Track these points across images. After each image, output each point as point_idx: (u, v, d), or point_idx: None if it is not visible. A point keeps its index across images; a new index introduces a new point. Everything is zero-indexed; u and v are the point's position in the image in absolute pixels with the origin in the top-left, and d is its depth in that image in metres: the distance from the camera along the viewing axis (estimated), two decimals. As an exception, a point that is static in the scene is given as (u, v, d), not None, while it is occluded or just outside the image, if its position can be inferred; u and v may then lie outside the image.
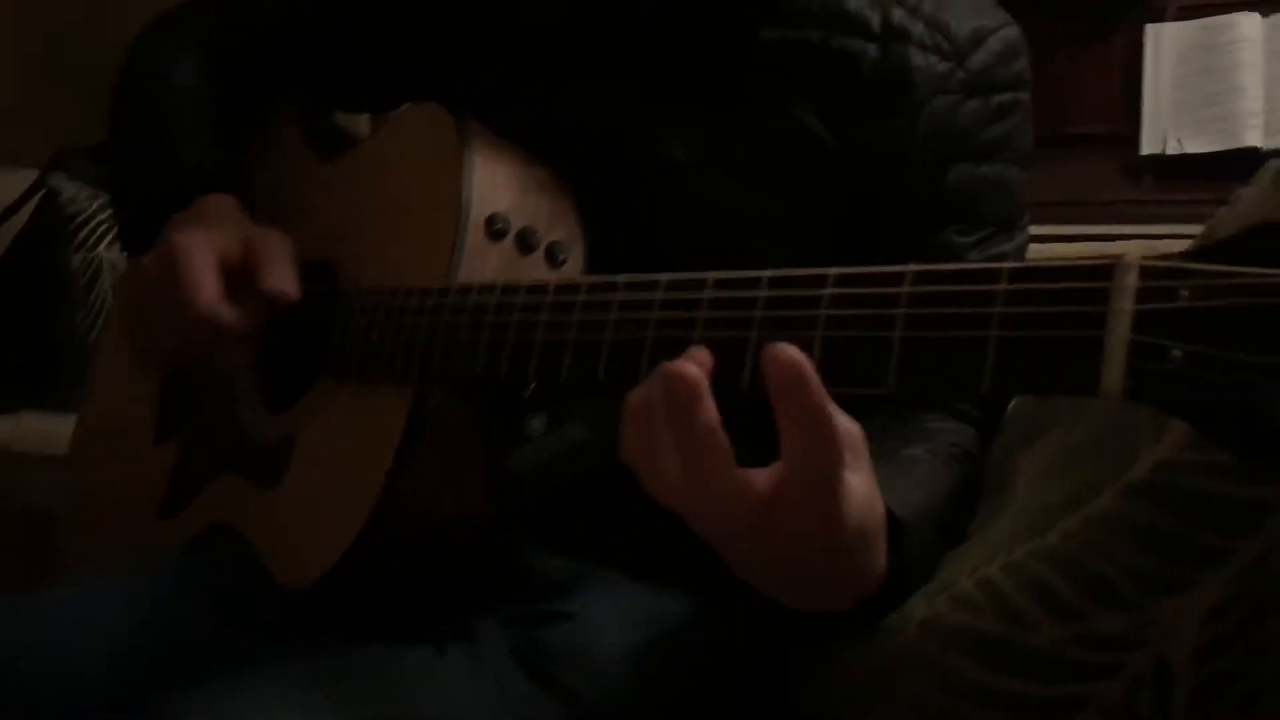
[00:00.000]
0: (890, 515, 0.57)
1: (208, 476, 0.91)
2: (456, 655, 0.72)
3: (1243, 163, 1.97)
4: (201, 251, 0.78)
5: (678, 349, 0.53)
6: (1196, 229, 2.18)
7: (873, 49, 0.76)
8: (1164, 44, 2.14)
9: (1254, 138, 2.00)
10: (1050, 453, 0.66)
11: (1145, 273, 0.40)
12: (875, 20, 0.77)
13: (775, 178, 0.78)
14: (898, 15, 0.77)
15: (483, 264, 0.73)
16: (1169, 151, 2.13)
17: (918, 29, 0.77)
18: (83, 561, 1.06)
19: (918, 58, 0.76)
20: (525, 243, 0.75)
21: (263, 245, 0.80)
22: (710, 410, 0.50)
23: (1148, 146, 2.14)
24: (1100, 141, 2.23)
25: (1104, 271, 0.41)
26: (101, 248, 2.07)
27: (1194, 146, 2.10)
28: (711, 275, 0.55)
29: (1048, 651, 0.59)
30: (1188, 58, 2.13)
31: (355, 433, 0.77)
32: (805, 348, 0.48)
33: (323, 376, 0.82)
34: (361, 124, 1.03)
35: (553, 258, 0.76)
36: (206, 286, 0.77)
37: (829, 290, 0.49)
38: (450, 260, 0.72)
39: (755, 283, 0.53)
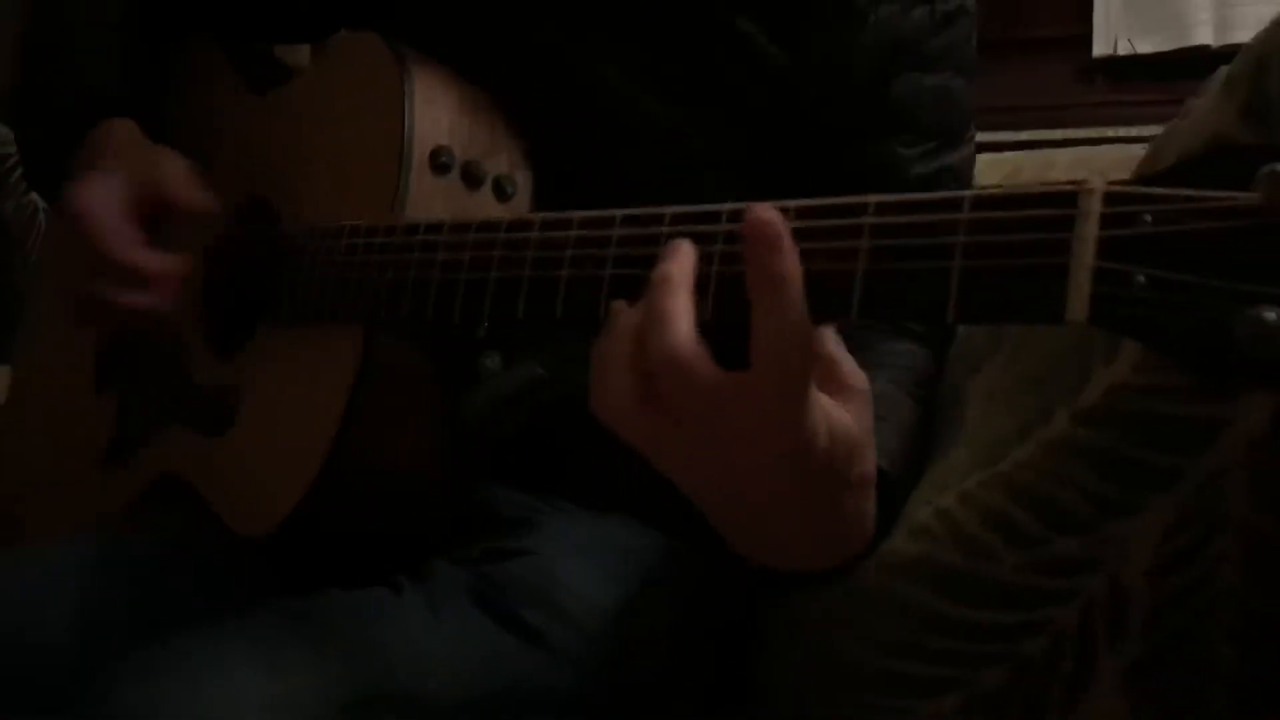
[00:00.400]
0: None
1: (153, 425, 0.89)
2: (414, 597, 0.71)
3: (1194, 62, 1.97)
4: (107, 200, 0.75)
5: (637, 285, 0.52)
6: (1149, 129, 2.20)
7: None
8: (1115, -56, 2.12)
9: (1204, 35, 2.00)
10: (999, 378, 0.65)
11: (1109, 198, 0.40)
12: None
13: (715, 96, 0.76)
14: None
15: (429, 200, 0.71)
16: (1120, 52, 2.13)
17: None
18: (24, 514, 1.03)
19: None
20: (471, 176, 0.73)
21: (166, 174, 0.77)
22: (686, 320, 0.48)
23: (1099, 48, 2.14)
24: (1053, 44, 2.22)
25: (1067, 198, 0.41)
26: (35, 193, 2.01)
27: (1145, 46, 2.09)
28: (669, 209, 0.53)
29: (1007, 579, 0.59)
30: (1139, -43, 2.12)
31: (305, 378, 0.75)
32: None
33: (266, 319, 0.79)
34: (297, 53, 0.98)
35: (500, 191, 0.74)
36: (122, 236, 0.74)
37: (790, 223, 0.47)
38: (395, 197, 0.70)
39: (715, 216, 0.51)
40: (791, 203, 0.49)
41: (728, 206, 0.51)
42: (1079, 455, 0.55)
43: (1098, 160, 1.05)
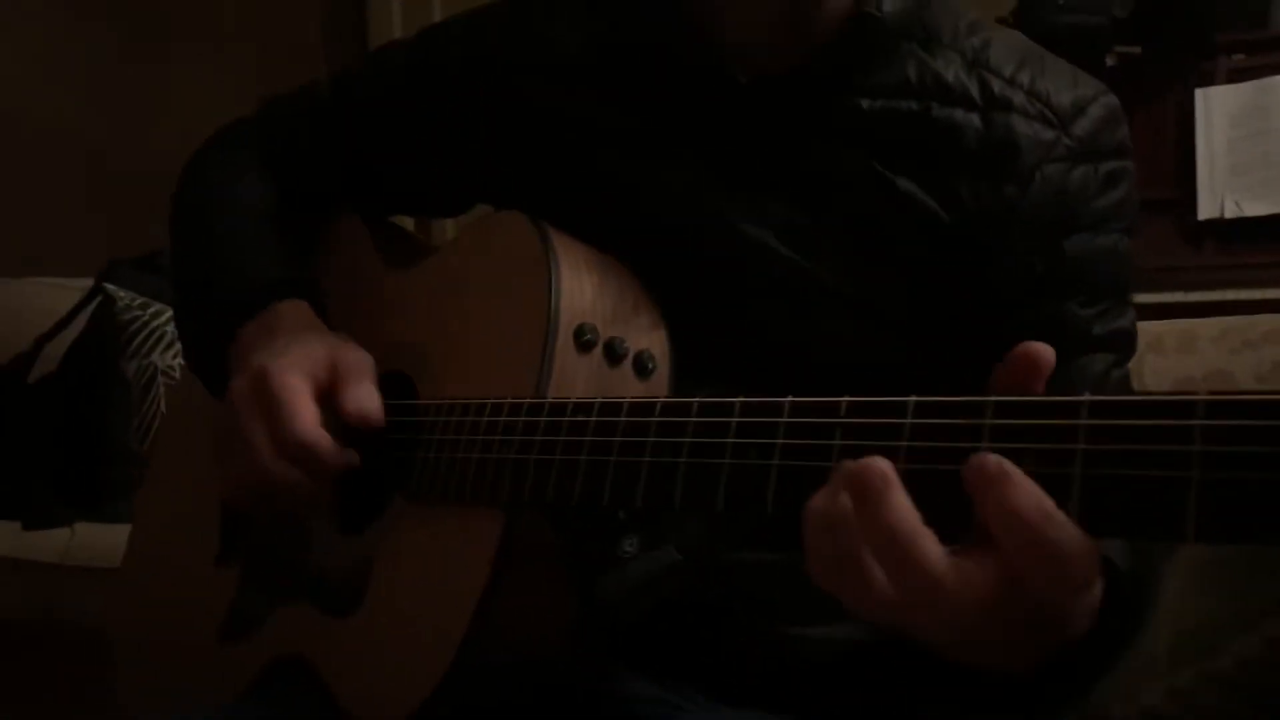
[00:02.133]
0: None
1: (274, 602, 0.87)
2: None
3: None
4: (293, 375, 0.75)
5: (812, 476, 0.50)
6: (1259, 293, 2.13)
7: (975, 118, 0.75)
8: (1215, 107, 2.13)
9: (1315, 199, 1.96)
10: (1200, 560, 0.61)
11: None
12: (975, 90, 0.76)
13: (876, 257, 0.75)
14: (997, 85, 0.76)
15: (572, 377, 0.71)
16: (1227, 215, 2.10)
17: (1019, 98, 0.75)
18: (140, 685, 1.02)
19: (1022, 126, 0.75)
20: (613, 353, 0.72)
21: (346, 363, 0.77)
22: (903, 497, 0.48)
23: (1205, 211, 2.11)
24: (1156, 208, 2.20)
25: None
26: (155, 355, 2.08)
27: (1253, 209, 2.07)
28: (844, 400, 0.52)
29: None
30: (1240, 120, 2.11)
31: (439, 558, 0.73)
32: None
33: (399, 497, 0.78)
34: (438, 231, 1.01)
35: (641, 367, 0.73)
36: (303, 409, 0.74)
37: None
38: (539, 374, 0.70)
39: (900, 409, 0.49)
40: (911, 399, 0.49)
41: (912, 400, 0.49)
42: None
43: (1245, 332, 1.02)
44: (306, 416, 0.74)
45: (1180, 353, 0.99)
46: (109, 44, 2.82)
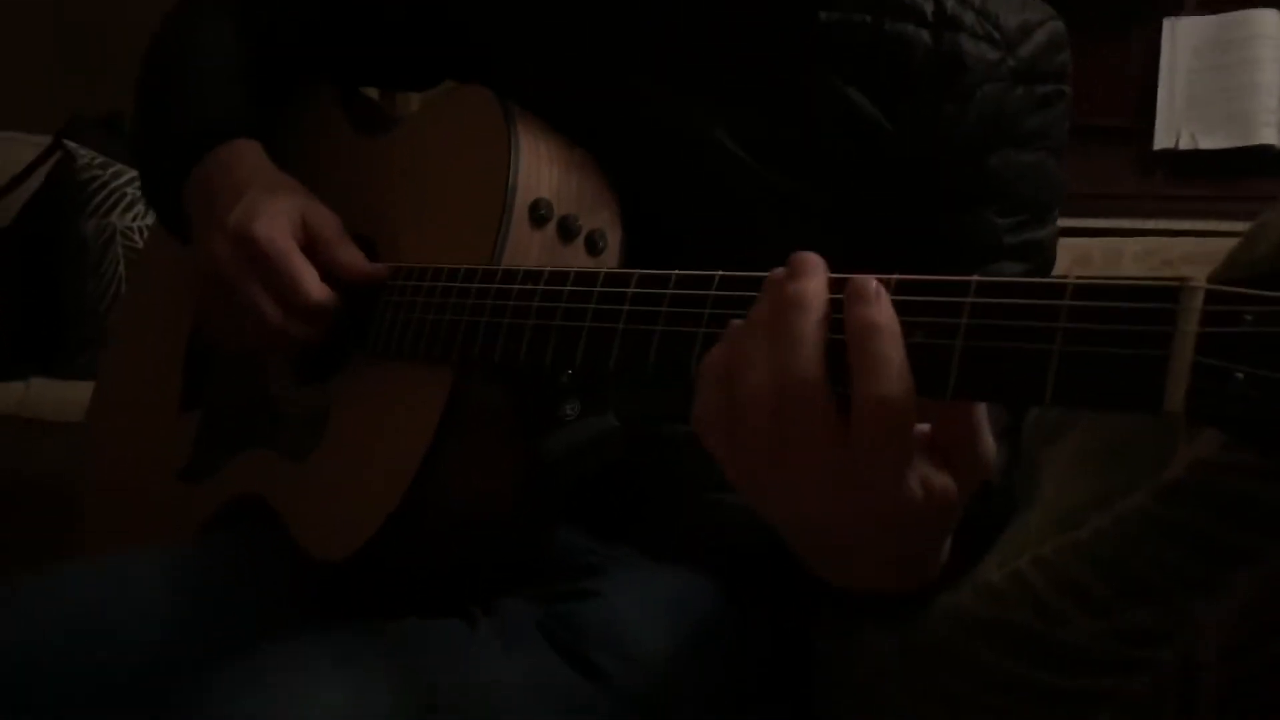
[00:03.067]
0: None
1: (235, 446, 0.92)
2: (487, 631, 0.73)
3: (1259, 161, 1.97)
4: (279, 235, 0.79)
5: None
6: (1208, 224, 2.17)
7: (925, 35, 0.78)
8: (1180, 38, 2.13)
9: (1269, 135, 1.99)
10: (1077, 449, 0.67)
11: (1210, 296, 0.41)
12: (928, 7, 0.78)
13: (822, 162, 0.79)
14: (949, 4, 0.78)
15: (525, 249, 0.74)
16: (1182, 147, 2.13)
17: (969, 18, 0.78)
18: (105, 528, 1.07)
19: (969, 45, 0.78)
20: (566, 230, 0.76)
21: (319, 221, 0.81)
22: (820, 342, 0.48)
23: (1161, 141, 2.14)
24: (1114, 135, 2.23)
25: (1170, 292, 0.42)
26: (115, 215, 2.07)
27: (1208, 143, 2.09)
28: (772, 274, 0.55)
29: (1077, 645, 0.60)
30: (1204, 52, 2.12)
31: (391, 410, 0.78)
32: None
33: (357, 352, 0.82)
34: (403, 102, 1.03)
35: (592, 245, 0.77)
36: (309, 277, 0.78)
37: (890, 295, 0.50)
38: (494, 245, 0.73)
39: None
40: (894, 276, 0.51)
41: (830, 276, 0.53)
42: (1159, 529, 0.57)
43: (1164, 252, 1.06)
44: (313, 279, 0.78)
45: (1104, 267, 1.04)
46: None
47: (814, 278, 0.51)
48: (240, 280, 0.79)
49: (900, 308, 0.49)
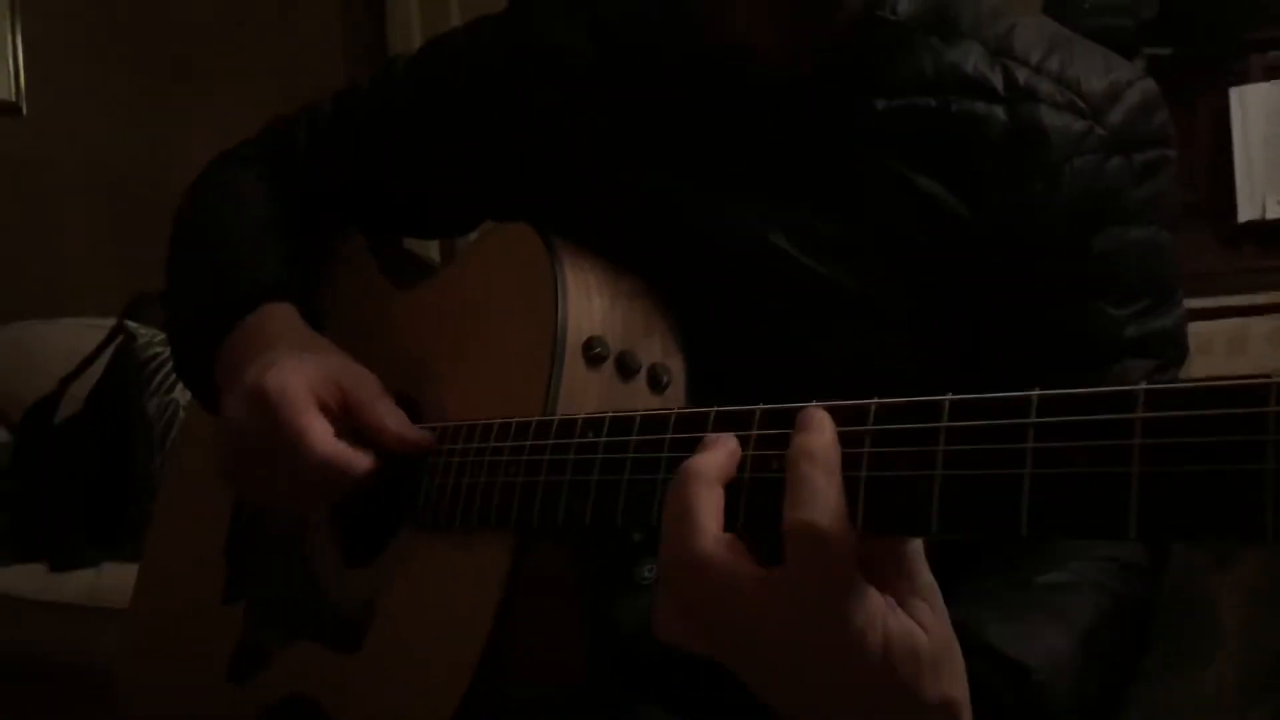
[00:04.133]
0: (1014, 662, 0.56)
1: (282, 639, 0.84)
2: None
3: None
4: (295, 390, 0.72)
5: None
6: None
7: (999, 110, 0.70)
8: (1251, 105, 2.07)
9: (1361, 195, 1.91)
10: (1264, 577, 0.56)
11: None
12: (998, 81, 0.71)
13: (899, 260, 0.71)
14: (1023, 75, 0.71)
15: (582, 393, 0.67)
16: (1268, 216, 2.05)
17: (1046, 86, 0.71)
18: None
19: (1050, 117, 0.70)
20: (626, 367, 0.69)
21: (361, 390, 0.75)
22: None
23: (1245, 212, 2.06)
24: (1190, 212, 2.15)
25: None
26: (177, 391, 2.07)
27: (1294, 210, 2.01)
28: (873, 403, 0.48)
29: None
30: (1276, 118, 2.06)
31: (446, 589, 0.70)
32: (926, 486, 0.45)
33: (405, 526, 0.75)
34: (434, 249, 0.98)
35: (655, 381, 0.70)
36: (317, 428, 0.71)
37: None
38: (547, 391, 0.66)
39: (935, 410, 0.46)
40: (947, 398, 0.46)
41: (949, 400, 0.45)
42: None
43: (1255, 329, 0.96)
44: (322, 432, 0.71)
45: (1231, 354, 0.94)
46: (131, 84, 2.84)
47: (711, 453, 0.51)
48: (252, 439, 0.73)
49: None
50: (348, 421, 0.74)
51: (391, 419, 0.73)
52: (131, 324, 2.15)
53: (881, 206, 0.71)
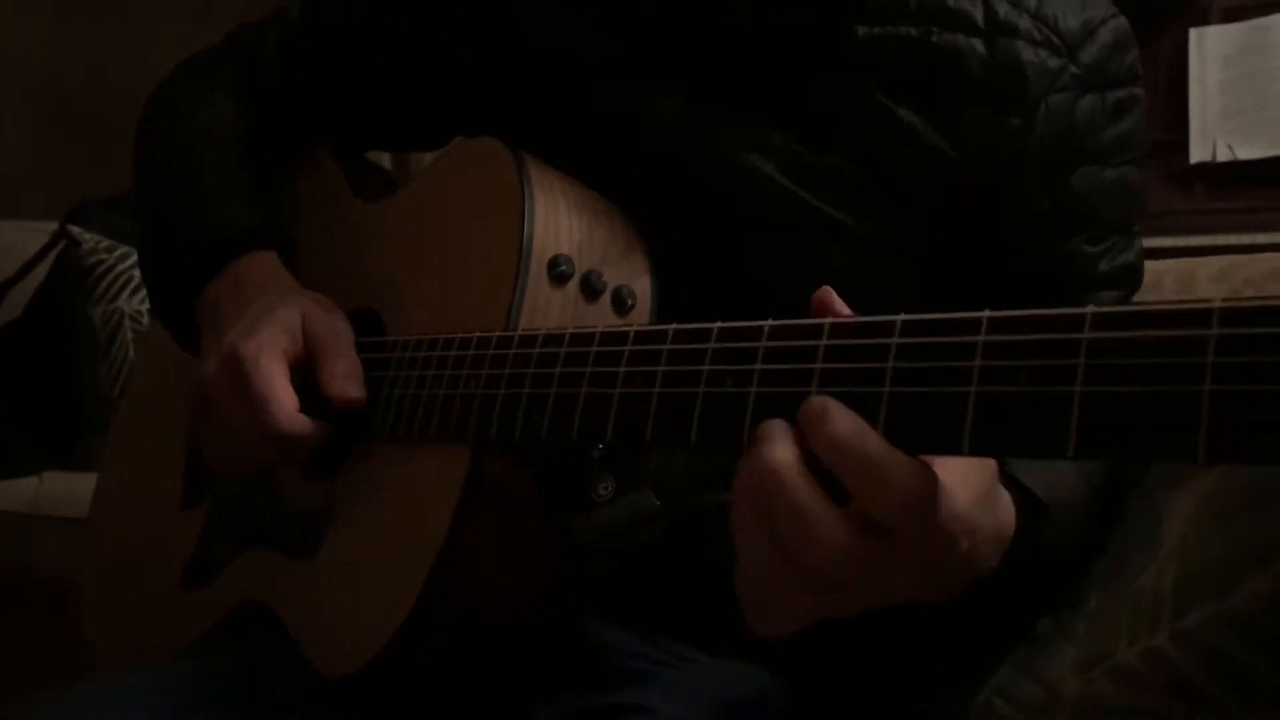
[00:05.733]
0: (1027, 491, 0.56)
1: (239, 546, 0.85)
2: None
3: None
4: (267, 359, 0.72)
5: (787, 405, 0.46)
6: (1249, 238, 2.09)
7: (979, 44, 0.71)
8: (1209, 47, 2.08)
9: (1311, 141, 1.93)
10: (1211, 493, 0.58)
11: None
12: (978, 14, 0.71)
13: (882, 190, 0.71)
14: (1002, 9, 0.71)
15: (545, 310, 0.67)
16: (1219, 159, 2.07)
17: (1024, 22, 0.71)
18: (107, 630, 1.01)
19: (1028, 53, 0.70)
20: (590, 287, 0.68)
21: (321, 336, 0.74)
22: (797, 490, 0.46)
23: (1196, 154, 2.08)
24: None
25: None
26: (121, 300, 2.03)
27: (1245, 153, 2.03)
28: (827, 321, 0.48)
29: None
30: (1235, 61, 2.07)
31: (403, 499, 0.70)
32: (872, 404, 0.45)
33: (363, 437, 0.75)
34: (416, 163, 0.96)
35: (620, 303, 0.69)
36: (281, 401, 0.71)
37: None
38: (510, 306, 0.66)
39: (888, 328, 0.46)
40: (899, 318, 0.46)
41: (899, 318, 0.46)
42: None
43: (1245, 269, 0.98)
44: (287, 407, 0.71)
45: (1180, 293, 0.96)
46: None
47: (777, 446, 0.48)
48: (220, 400, 0.74)
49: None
50: (310, 369, 0.74)
51: (335, 381, 0.73)
52: (75, 229, 2.09)
53: (861, 135, 0.71)
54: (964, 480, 0.48)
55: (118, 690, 0.73)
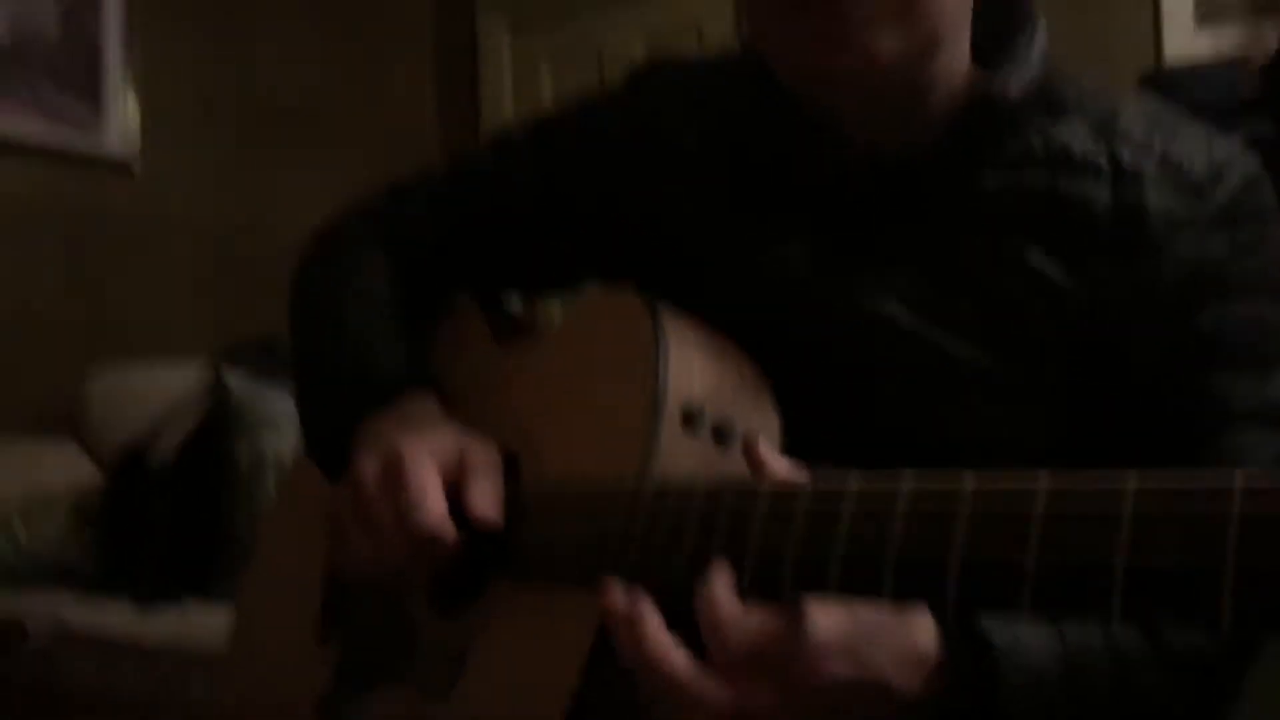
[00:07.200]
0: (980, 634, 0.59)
1: (373, 684, 0.86)
2: None
3: None
4: (427, 460, 0.75)
5: (932, 565, 0.46)
6: None
7: (1105, 190, 0.71)
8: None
9: None
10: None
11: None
12: (1104, 161, 0.72)
13: (1008, 333, 0.71)
14: (1127, 155, 0.72)
15: (678, 458, 0.68)
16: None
17: (1150, 166, 0.71)
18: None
19: (1154, 197, 0.70)
20: (722, 435, 0.69)
21: (475, 459, 0.77)
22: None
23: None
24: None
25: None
26: (266, 441, 2.11)
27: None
28: (968, 483, 0.48)
29: None
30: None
31: (538, 641, 0.71)
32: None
33: (500, 578, 0.76)
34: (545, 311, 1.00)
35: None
36: (434, 499, 0.73)
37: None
38: (644, 455, 0.67)
39: (1029, 497, 0.45)
40: (1043, 485, 0.45)
41: (1044, 486, 0.45)
42: None
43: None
44: (436, 506, 0.73)
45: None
46: (234, 141, 2.96)
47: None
48: (370, 493, 0.75)
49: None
50: (457, 494, 0.76)
51: (480, 499, 0.74)
52: (226, 371, 2.20)
53: (989, 280, 0.72)
54: (828, 615, 0.55)
55: None
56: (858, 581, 0.51)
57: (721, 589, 0.56)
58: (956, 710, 0.60)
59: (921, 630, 0.59)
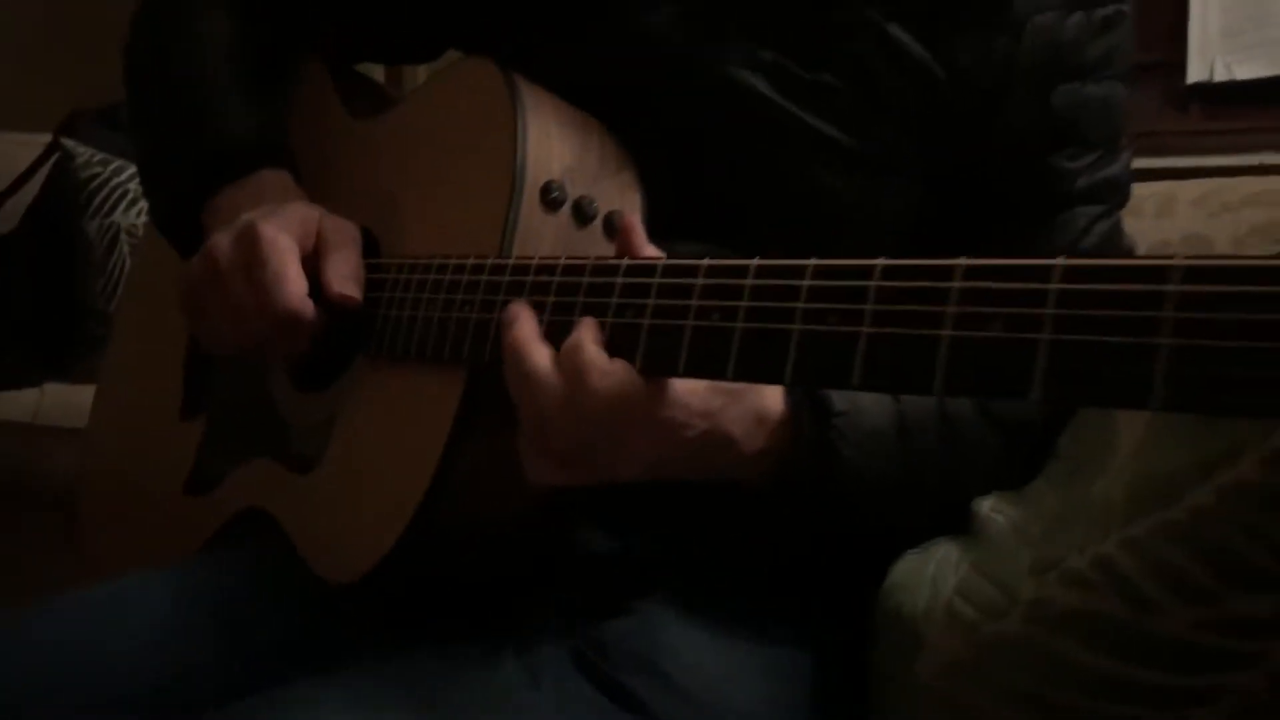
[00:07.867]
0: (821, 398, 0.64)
1: (238, 456, 0.87)
2: (515, 663, 0.67)
3: (1297, 88, 1.89)
4: (285, 238, 0.73)
5: (771, 340, 0.48)
6: (1247, 159, 2.08)
7: None
8: (1211, -34, 2.04)
9: (1310, 61, 1.91)
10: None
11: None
12: None
13: (869, 107, 0.73)
14: None
15: (537, 235, 0.68)
16: (1216, 79, 2.05)
17: None
18: (105, 539, 1.03)
19: None
20: (582, 213, 0.70)
21: (334, 235, 0.75)
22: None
23: (1194, 74, 2.06)
24: (1145, 70, 2.15)
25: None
26: (117, 213, 2.03)
27: (1243, 73, 2.02)
28: (812, 262, 0.50)
29: (1177, 638, 0.54)
30: (1235, -21, 2.04)
31: (401, 415, 0.73)
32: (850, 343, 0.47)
33: (361, 354, 0.77)
34: (410, 77, 0.96)
35: (611, 228, 0.71)
36: (293, 279, 0.72)
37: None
38: (504, 233, 0.67)
39: (865, 272, 0.48)
40: (879, 262, 0.47)
41: (880, 262, 0.47)
42: (1270, 503, 0.50)
43: (1223, 194, 0.99)
44: (296, 285, 0.72)
45: (1158, 216, 0.97)
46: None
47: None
48: (227, 273, 0.74)
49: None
50: (315, 267, 0.75)
51: (339, 276, 0.74)
52: (68, 142, 2.08)
53: (853, 52, 0.72)
54: (685, 381, 0.58)
55: (121, 589, 0.76)
56: (704, 357, 0.53)
57: (589, 340, 0.57)
58: (799, 465, 0.64)
59: (768, 393, 0.63)
